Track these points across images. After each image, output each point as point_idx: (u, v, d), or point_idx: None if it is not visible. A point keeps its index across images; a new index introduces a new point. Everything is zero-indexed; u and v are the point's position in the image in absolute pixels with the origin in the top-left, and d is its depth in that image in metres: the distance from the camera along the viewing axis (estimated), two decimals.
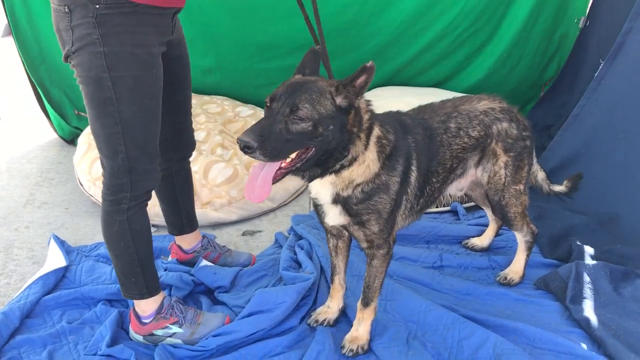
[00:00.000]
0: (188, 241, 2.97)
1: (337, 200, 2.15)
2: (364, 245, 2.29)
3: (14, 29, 4.16)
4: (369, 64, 1.87)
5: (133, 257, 2.35)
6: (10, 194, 3.89)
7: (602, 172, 3.28)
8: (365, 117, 2.05)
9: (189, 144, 2.73)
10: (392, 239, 2.33)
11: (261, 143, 1.81)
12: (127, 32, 2.02)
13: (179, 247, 2.99)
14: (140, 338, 2.52)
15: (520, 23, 4.38)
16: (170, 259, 3.06)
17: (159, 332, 2.49)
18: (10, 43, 4.64)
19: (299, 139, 1.89)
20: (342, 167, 2.05)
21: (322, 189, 2.15)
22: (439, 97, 3.98)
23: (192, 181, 2.85)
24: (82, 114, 4.58)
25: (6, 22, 4.20)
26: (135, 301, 2.48)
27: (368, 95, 4.41)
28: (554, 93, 4.61)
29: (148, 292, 2.44)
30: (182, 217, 2.86)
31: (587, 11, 4.36)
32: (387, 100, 3.70)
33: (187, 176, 2.80)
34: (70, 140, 4.66)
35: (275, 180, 1.95)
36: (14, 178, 4.12)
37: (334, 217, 2.21)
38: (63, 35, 2.06)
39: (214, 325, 2.51)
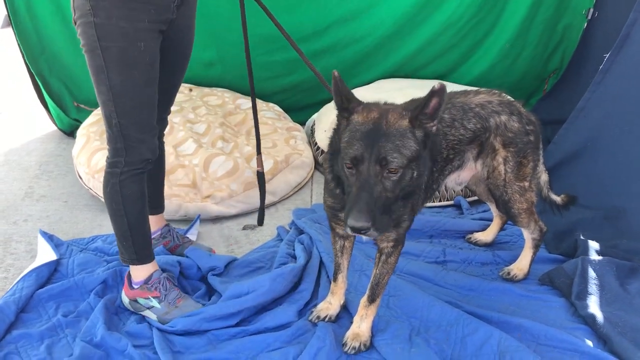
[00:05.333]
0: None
1: None
2: (390, 243, 2.25)
3: (13, 19, 4.11)
4: (437, 86, 1.75)
5: (123, 220, 2.45)
6: (9, 187, 3.85)
7: (607, 166, 3.22)
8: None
9: (161, 124, 2.67)
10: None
11: (373, 220, 1.70)
12: (115, 7, 2.13)
13: None
14: (127, 301, 2.64)
15: (523, 13, 4.34)
16: None
17: (141, 302, 2.60)
18: (9, 34, 4.59)
19: (397, 191, 1.83)
20: None
21: None
22: None
23: (164, 160, 2.87)
24: (82, 106, 4.54)
25: (5, 13, 4.15)
26: (131, 265, 2.59)
27: (370, 88, 4.41)
28: (560, 86, 4.55)
29: (137, 258, 2.55)
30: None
31: (594, 2, 4.30)
32: (390, 93, 3.65)
33: (160, 155, 2.72)
34: (70, 132, 4.62)
35: None
36: (13, 171, 4.08)
37: None
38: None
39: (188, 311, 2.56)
